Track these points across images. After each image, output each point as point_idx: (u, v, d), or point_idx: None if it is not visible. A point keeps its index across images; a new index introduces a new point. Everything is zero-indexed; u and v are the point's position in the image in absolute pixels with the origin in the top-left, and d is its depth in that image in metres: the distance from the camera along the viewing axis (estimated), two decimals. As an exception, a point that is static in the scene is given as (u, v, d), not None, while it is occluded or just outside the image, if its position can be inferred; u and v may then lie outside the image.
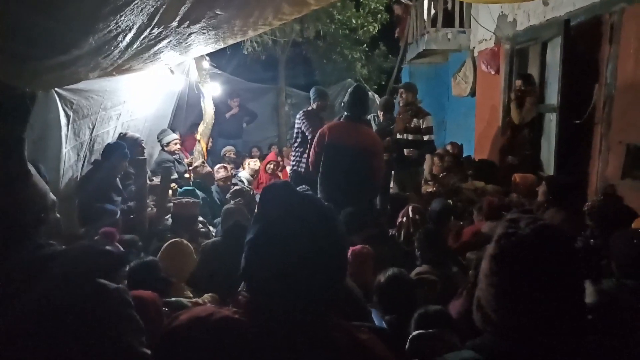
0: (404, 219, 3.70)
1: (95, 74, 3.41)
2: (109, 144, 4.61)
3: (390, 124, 5.38)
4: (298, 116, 4.95)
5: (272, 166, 6.79)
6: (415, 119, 5.22)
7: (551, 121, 4.57)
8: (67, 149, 4.19)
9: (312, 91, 5.18)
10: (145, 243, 3.80)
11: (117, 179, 4.41)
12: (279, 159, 7.56)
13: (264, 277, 0.98)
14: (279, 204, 1.01)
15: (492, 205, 3.43)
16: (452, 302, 2.31)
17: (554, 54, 4.52)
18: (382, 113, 5.49)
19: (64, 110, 4.03)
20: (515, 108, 4.79)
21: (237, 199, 4.68)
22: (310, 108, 5.00)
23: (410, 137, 5.23)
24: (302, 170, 4.76)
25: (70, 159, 4.31)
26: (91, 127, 4.63)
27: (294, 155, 5.03)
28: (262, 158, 7.71)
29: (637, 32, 3.46)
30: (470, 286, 2.13)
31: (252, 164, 6.68)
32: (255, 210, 1.13)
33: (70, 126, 4.18)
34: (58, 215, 1.64)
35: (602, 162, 3.89)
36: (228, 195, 5.14)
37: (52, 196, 1.56)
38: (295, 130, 4.99)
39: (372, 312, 1.91)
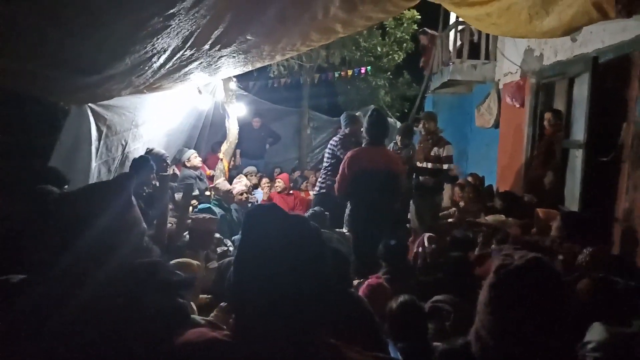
0: (420, 249, 3.66)
1: (127, 91, 3.54)
2: (135, 158, 4.69)
3: (408, 151, 5.42)
4: (334, 140, 5.01)
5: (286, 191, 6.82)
6: (435, 148, 5.25)
7: (576, 157, 4.50)
8: (97, 163, 4.29)
9: (342, 117, 5.23)
10: (163, 258, 3.83)
11: (144, 194, 4.46)
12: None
13: (246, 298, 1.00)
14: (262, 226, 1.03)
15: (515, 239, 3.37)
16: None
17: (581, 90, 4.48)
18: (399, 138, 5.57)
19: (96, 125, 4.15)
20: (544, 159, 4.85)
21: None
22: (344, 133, 5.06)
23: (429, 165, 5.26)
24: (327, 191, 4.82)
25: (100, 173, 4.41)
26: (124, 143, 4.76)
27: (322, 177, 5.07)
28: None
29: (667, 72, 3.43)
30: None
31: (267, 187, 6.72)
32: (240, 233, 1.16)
33: (102, 141, 4.29)
34: (147, 239, 1.75)
35: (629, 201, 3.80)
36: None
37: (144, 225, 1.66)
38: (329, 154, 5.03)
39: (389, 343, 1.89)
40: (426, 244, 3.76)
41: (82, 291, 1.30)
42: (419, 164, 5.25)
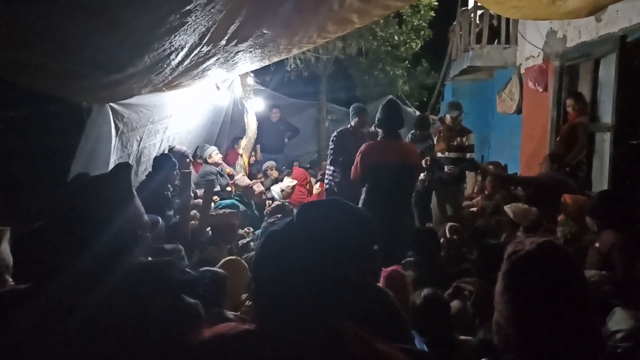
0: (442, 240, 3.62)
1: (147, 89, 3.58)
2: (157, 156, 4.73)
3: (427, 143, 5.36)
4: (333, 135, 4.96)
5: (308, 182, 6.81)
6: (458, 137, 5.16)
7: (604, 140, 4.37)
8: (113, 159, 4.37)
9: (351, 108, 5.17)
10: (187, 254, 3.88)
11: (169, 192, 4.51)
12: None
13: (270, 292, 1.00)
14: (316, 219, 1.03)
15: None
16: None
17: (608, 71, 4.34)
18: (417, 130, 5.53)
19: (114, 123, 4.22)
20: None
21: (277, 215, 4.71)
22: (348, 126, 4.98)
23: (452, 154, 5.17)
24: (335, 187, 4.78)
25: (117, 170, 4.48)
26: (139, 139, 4.82)
27: (327, 172, 5.05)
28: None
29: (700, 49, 3.29)
30: None
31: (289, 181, 6.70)
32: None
33: (118, 138, 4.36)
34: (149, 234, 1.73)
35: (660, 184, 3.69)
36: (267, 210, 5.19)
37: (146, 217, 1.66)
38: (330, 148, 5.00)
39: (415, 335, 1.87)
40: (447, 234, 3.71)
41: (86, 292, 1.31)
42: (440, 154, 5.17)
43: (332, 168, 4.88)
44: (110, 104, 4.03)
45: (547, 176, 4.49)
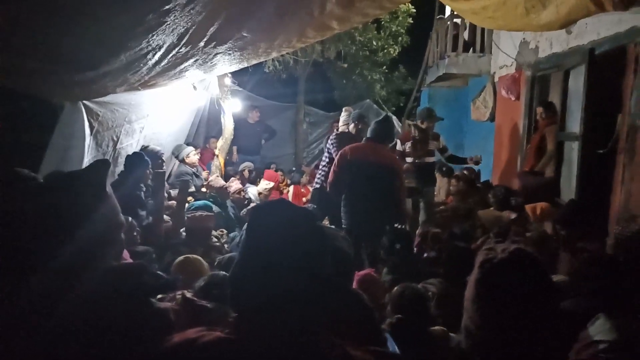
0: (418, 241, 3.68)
1: (122, 88, 3.52)
2: (129, 155, 4.64)
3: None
4: (331, 137, 5.04)
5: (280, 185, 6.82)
6: (433, 142, 5.37)
7: (572, 149, 4.52)
8: (87, 159, 4.27)
9: (352, 115, 5.26)
10: (159, 256, 3.83)
11: (142, 192, 4.43)
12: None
13: (250, 296, 1.00)
14: (269, 219, 1.03)
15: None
16: None
17: (577, 82, 4.49)
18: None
19: (89, 121, 4.13)
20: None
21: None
22: (347, 130, 5.10)
23: (429, 159, 5.38)
24: (321, 186, 4.86)
25: (90, 170, 4.38)
26: (115, 139, 4.73)
27: (319, 173, 5.10)
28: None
29: (663, 63, 3.44)
30: None
31: (265, 184, 6.69)
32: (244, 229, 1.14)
33: (92, 137, 4.27)
34: (123, 236, 1.68)
35: (625, 193, 3.82)
36: (244, 212, 5.16)
37: (121, 218, 1.61)
38: (326, 152, 5.07)
39: (387, 338, 1.89)
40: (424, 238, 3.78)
41: (57, 292, 1.28)
42: (417, 160, 5.33)
43: (326, 169, 4.93)
44: (84, 101, 3.94)
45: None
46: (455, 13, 7.03)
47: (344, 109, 5.48)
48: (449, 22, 7.81)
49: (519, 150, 5.98)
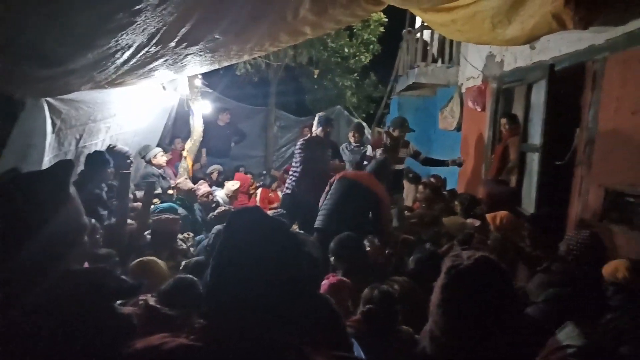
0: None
1: (88, 86, 3.42)
2: (89, 154, 4.52)
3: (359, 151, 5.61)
4: (299, 142, 5.07)
5: (250, 188, 6.76)
6: (403, 149, 5.47)
7: (533, 160, 4.69)
8: (48, 158, 4.13)
9: (317, 117, 5.28)
10: (123, 258, 3.73)
11: (104, 191, 4.32)
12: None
13: (226, 299, 1.00)
14: (245, 228, 1.03)
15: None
16: None
17: (539, 95, 4.67)
18: (355, 135, 5.76)
19: (51, 118, 4.00)
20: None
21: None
22: (314, 134, 5.11)
23: (399, 167, 5.50)
24: (296, 190, 4.87)
25: (51, 168, 4.23)
26: (78, 137, 4.59)
27: (290, 178, 5.08)
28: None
29: (619, 80, 3.61)
30: None
31: (231, 185, 6.62)
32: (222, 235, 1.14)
33: (55, 135, 4.13)
34: (87, 240, 1.62)
35: (581, 203, 4.00)
36: (212, 215, 5.09)
37: (85, 220, 1.56)
38: (297, 155, 5.07)
39: (354, 343, 1.91)
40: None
41: (16, 297, 1.24)
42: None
43: (297, 175, 4.94)
44: (47, 98, 3.81)
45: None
46: (425, 24, 7.19)
47: (317, 115, 5.50)
48: (418, 34, 7.98)
49: (483, 160, 6.16)
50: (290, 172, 5.15)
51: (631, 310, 2.18)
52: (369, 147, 5.65)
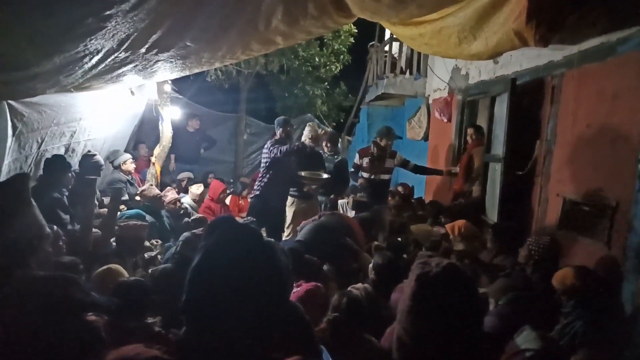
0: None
1: (52, 90, 3.34)
2: (48, 158, 4.40)
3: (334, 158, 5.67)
4: (267, 145, 5.08)
5: (223, 196, 6.67)
6: (389, 160, 5.57)
7: (496, 170, 4.85)
8: (8, 161, 4.01)
9: (276, 121, 5.32)
10: (87, 266, 3.64)
11: (64, 196, 4.21)
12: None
13: (205, 311, 1.00)
14: (223, 237, 1.04)
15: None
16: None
17: (501, 108, 4.84)
18: (329, 145, 5.79)
19: (12, 121, 3.88)
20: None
21: (198, 228, 4.58)
22: (278, 137, 5.14)
23: (384, 177, 5.57)
24: (264, 195, 4.87)
25: (10, 172, 4.10)
26: (39, 141, 4.46)
27: (259, 181, 5.09)
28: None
29: (575, 95, 3.80)
30: None
31: (196, 189, 6.55)
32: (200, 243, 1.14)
33: (15, 138, 4.01)
34: (50, 249, 1.60)
35: (541, 212, 4.17)
36: (186, 220, 5.05)
37: (47, 229, 1.54)
38: (264, 158, 5.09)
39: (323, 350, 1.94)
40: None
41: None
42: (372, 177, 5.49)
43: (266, 178, 4.96)
44: (9, 101, 3.70)
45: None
46: (394, 37, 7.36)
47: (308, 124, 5.53)
48: (387, 46, 8.15)
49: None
50: (259, 177, 5.16)
51: (584, 316, 2.30)
52: (357, 155, 5.72)
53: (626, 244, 3.05)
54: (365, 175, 5.52)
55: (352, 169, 5.74)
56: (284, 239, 4.85)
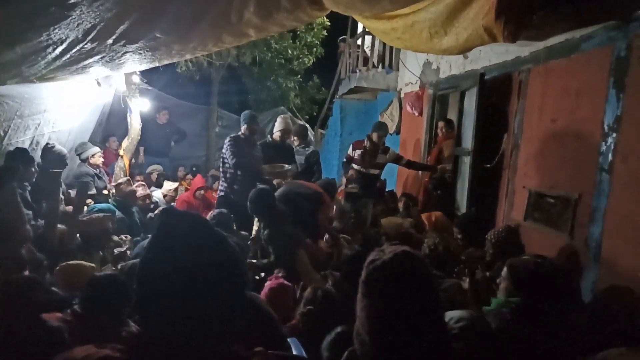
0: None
1: (14, 80, 3.21)
2: (9, 151, 4.25)
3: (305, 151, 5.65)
4: (226, 141, 4.80)
5: (202, 192, 6.53)
6: (382, 155, 5.54)
7: (465, 163, 4.96)
8: (-34, 155, 3.85)
9: (242, 115, 5.12)
10: (52, 263, 3.54)
11: (27, 190, 4.06)
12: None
13: (154, 304, 0.97)
14: (165, 228, 1.00)
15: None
16: None
17: (470, 102, 4.94)
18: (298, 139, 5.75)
19: (-30, 114, 3.73)
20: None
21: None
22: (239, 133, 4.93)
23: (373, 171, 5.56)
24: (231, 195, 4.72)
25: (-28, 166, 3.94)
26: (2, 134, 4.29)
27: (222, 180, 4.91)
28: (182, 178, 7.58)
29: (541, 90, 3.92)
30: None
31: (170, 185, 6.42)
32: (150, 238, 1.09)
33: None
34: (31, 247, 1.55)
35: (508, 204, 4.29)
36: (153, 215, 4.94)
37: (28, 227, 1.49)
38: (222, 156, 4.85)
39: (293, 341, 1.94)
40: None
41: None
42: (363, 170, 5.49)
43: (227, 176, 4.76)
44: (-32, 92, 3.54)
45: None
46: (367, 30, 7.38)
47: (280, 117, 5.42)
48: (360, 39, 8.17)
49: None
50: (221, 175, 4.95)
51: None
52: (350, 146, 5.70)
53: (587, 234, 3.18)
54: (356, 167, 5.55)
55: (344, 160, 5.75)
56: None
